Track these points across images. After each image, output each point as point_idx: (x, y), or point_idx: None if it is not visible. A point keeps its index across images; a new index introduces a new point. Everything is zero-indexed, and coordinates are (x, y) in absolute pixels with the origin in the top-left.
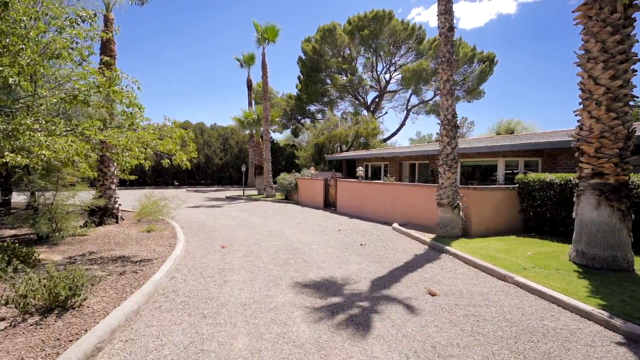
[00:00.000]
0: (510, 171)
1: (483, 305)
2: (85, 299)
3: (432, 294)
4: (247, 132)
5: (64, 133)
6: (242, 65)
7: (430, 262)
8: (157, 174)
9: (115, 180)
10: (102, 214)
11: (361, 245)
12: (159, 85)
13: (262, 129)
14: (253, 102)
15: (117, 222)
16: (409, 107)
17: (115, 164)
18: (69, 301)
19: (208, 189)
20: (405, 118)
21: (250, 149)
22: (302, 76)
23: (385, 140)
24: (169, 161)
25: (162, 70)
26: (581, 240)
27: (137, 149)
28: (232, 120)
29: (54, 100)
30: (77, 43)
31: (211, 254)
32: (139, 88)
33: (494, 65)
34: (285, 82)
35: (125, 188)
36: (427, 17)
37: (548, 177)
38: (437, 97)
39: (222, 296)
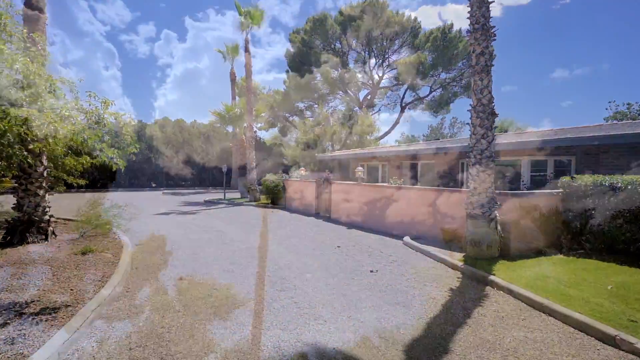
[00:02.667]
0: (536, 173)
1: None
2: None
3: None
4: (230, 129)
5: None
6: (225, 58)
7: (478, 305)
8: (133, 175)
9: (44, 184)
10: (23, 230)
11: (371, 271)
12: (136, 79)
13: (245, 124)
14: (237, 97)
15: (46, 239)
16: (403, 105)
17: (44, 163)
18: None
19: (187, 192)
20: (400, 116)
21: (234, 148)
22: (290, 70)
23: (378, 139)
24: (88, 158)
25: (140, 65)
26: None
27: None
28: (212, 114)
29: None
30: None
31: (160, 293)
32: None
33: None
34: (273, 81)
35: (93, 191)
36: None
37: (607, 179)
38: (435, 93)
39: None
